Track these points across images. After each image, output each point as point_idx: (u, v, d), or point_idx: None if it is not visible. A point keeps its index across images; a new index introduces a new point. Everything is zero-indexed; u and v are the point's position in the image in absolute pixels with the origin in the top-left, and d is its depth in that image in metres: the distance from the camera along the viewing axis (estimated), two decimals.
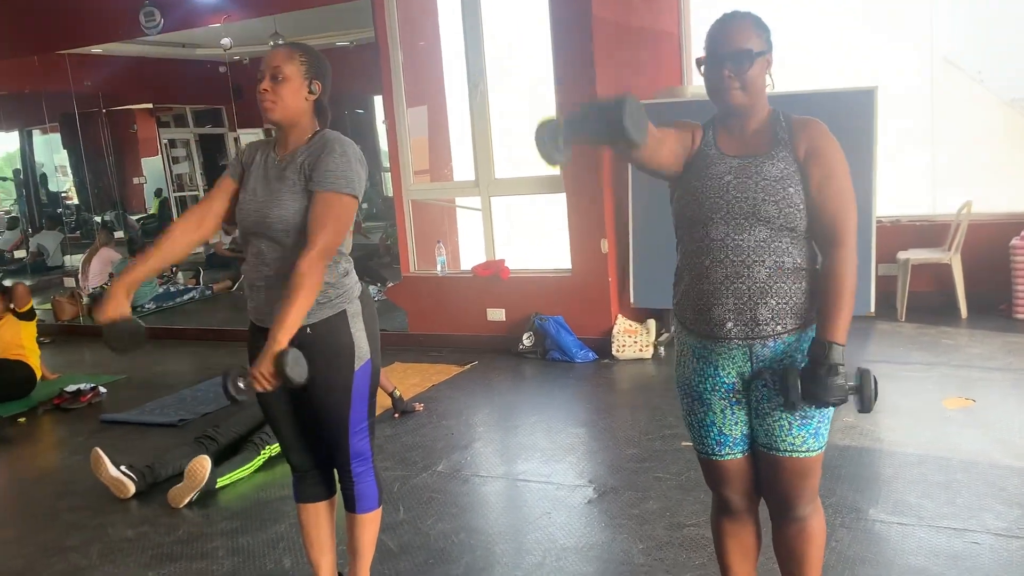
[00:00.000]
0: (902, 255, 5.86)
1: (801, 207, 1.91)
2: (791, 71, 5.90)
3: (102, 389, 5.52)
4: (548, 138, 1.75)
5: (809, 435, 1.97)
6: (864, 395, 1.87)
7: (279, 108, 2.26)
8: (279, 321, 2.13)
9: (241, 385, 2.11)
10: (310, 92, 2.30)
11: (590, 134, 1.76)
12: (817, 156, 1.93)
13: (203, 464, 3.68)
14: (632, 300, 5.63)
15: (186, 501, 3.66)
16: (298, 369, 2.09)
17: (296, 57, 2.28)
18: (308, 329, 2.28)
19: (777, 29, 1.99)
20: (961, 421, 3.96)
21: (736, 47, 1.90)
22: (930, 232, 6.10)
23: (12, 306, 5.64)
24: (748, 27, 1.93)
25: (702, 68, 1.96)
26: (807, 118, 1.99)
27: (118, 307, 2.26)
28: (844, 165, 1.95)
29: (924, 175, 6.54)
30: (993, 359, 4.85)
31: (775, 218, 1.90)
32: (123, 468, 3.81)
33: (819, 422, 1.97)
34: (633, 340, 5.47)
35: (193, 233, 2.36)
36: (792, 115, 2.00)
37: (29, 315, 5.71)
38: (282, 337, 2.11)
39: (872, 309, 5.11)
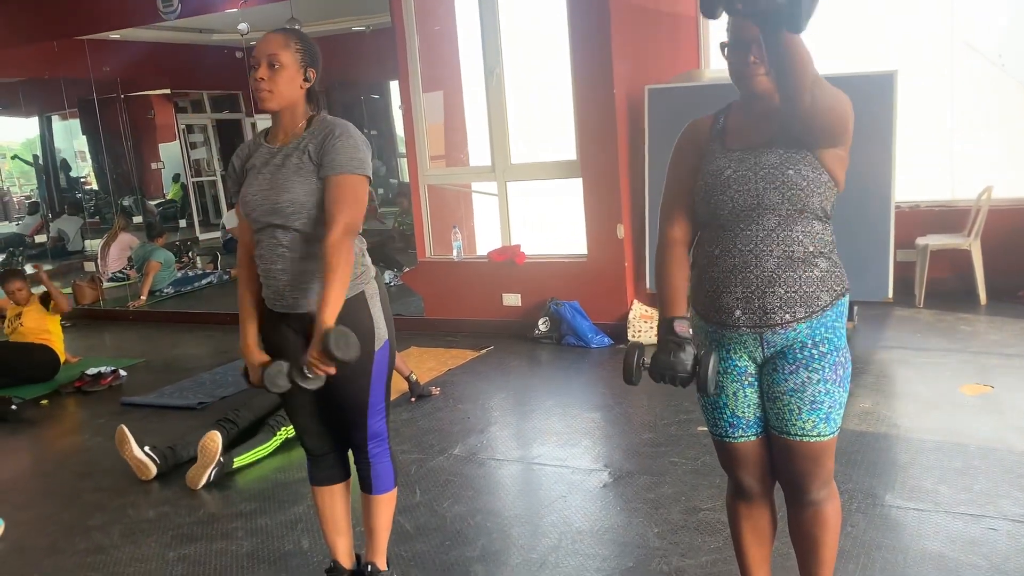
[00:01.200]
0: (921, 241, 5.82)
1: (803, 186, 1.90)
2: (812, 55, 5.87)
3: (122, 372, 5.58)
4: (634, 365, 1.96)
5: (820, 420, 1.97)
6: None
7: (276, 96, 2.26)
8: (323, 303, 2.16)
9: (308, 374, 2.16)
10: (305, 80, 2.30)
11: (671, 382, 1.98)
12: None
13: (214, 439, 3.73)
14: (648, 285, 5.63)
15: (203, 481, 3.70)
16: (350, 347, 2.13)
17: (292, 44, 2.27)
18: None
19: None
20: (978, 407, 3.95)
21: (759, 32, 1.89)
22: (949, 217, 6.05)
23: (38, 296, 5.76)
24: None
25: (725, 52, 1.95)
26: None
27: (262, 358, 2.37)
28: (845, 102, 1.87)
29: (943, 160, 6.49)
30: (1011, 346, 4.82)
31: (780, 204, 1.90)
32: (146, 449, 3.86)
33: (830, 407, 1.97)
34: (649, 326, 5.47)
35: (254, 267, 2.41)
36: None
37: (48, 302, 5.79)
38: (328, 318, 2.14)
39: (890, 294, 5.09)
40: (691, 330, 1.98)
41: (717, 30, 1.85)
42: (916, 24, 6.38)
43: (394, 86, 7.09)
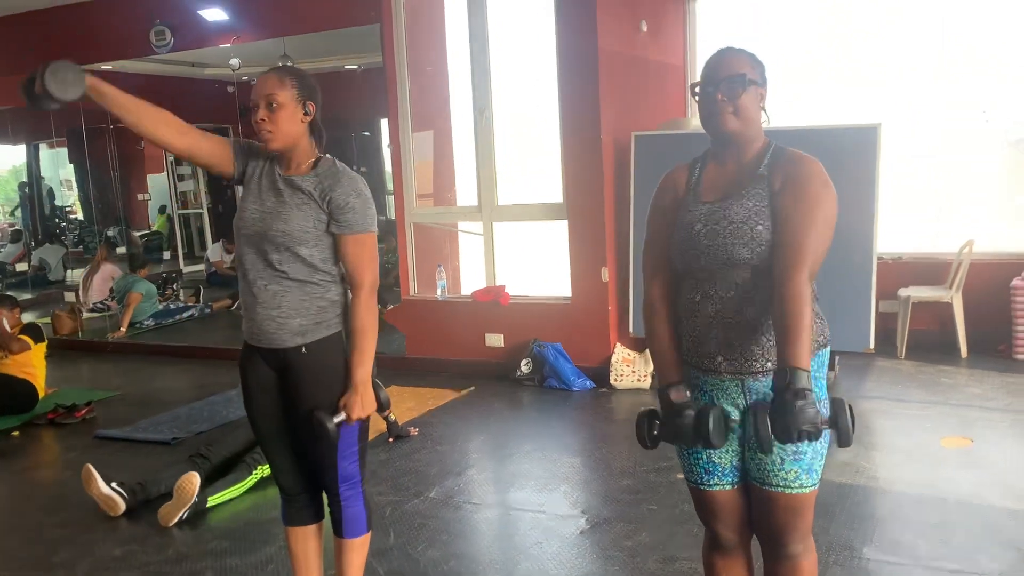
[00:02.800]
0: (903, 292, 5.86)
1: (772, 241, 1.89)
2: (796, 106, 5.95)
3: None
4: (646, 431, 1.97)
5: (802, 471, 1.95)
6: (841, 426, 1.75)
7: (279, 136, 2.26)
8: (357, 362, 2.29)
9: (335, 423, 2.27)
10: (305, 114, 2.30)
11: (682, 444, 2.02)
12: (792, 185, 1.90)
13: (192, 481, 3.66)
14: (631, 329, 5.62)
15: (176, 519, 3.63)
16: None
17: (287, 82, 2.27)
18: (304, 349, 2.28)
19: (783, 64, 2.01)
20: (958, 461, 3.94)
21: (730, 72, 1.92)
22: (931, 270, 6.09)
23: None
24: (743, 58, 1.96)
25: (695, 95, 1.97)
26: (798, 153, 1.96)
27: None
28: (825, 199, 1.88)
29: (926, 213, 6.55)
30: (992, 399, 4.83)
31: (748, 260, 1.90)
32: (114, 485, 3.78)
33: (812, 458, 1.95)
34: (631, 370, 5.46)
35: (173, 129, 2.29)
36: (786, 149, 1.99)
37: (38, 336, 5.70)
38: (366, 376, 2.30)
39: (871, 345, 5.10)
40: (687, 393, 1.96)
41: None
42: (901, 78, 6.48)
43: (384, 124, 7.13)
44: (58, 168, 10.57)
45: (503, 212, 5.99)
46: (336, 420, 2.26)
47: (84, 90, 2.11)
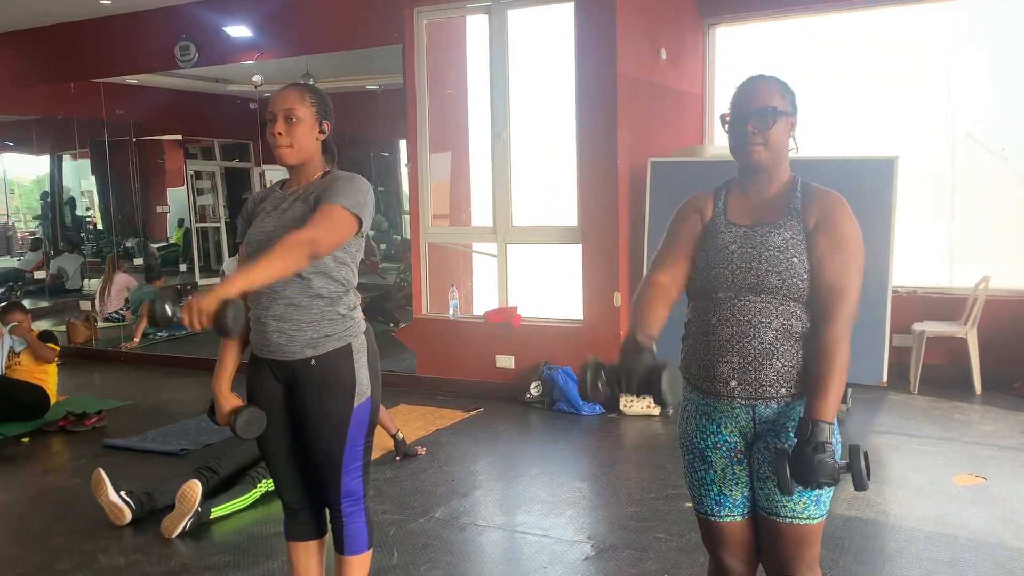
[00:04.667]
0: (917, 326, 5.81)
1: (805, 277, 1.90)
2: (813, 138, 5.95)
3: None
4: (590, 378, 1.84)
5: (810, 502, 1.93)
6: (855, 472, 1.80)
7: (295, 151, 2.28)
8: (244, 271, 2.07)
9: (168, 310, 2.02)
10: (321, 132, 2.32)
11: (627, 387, 1.84)
12: (827, 226, 1.93)
13: (194, 488, 3.66)
14: None
15: (179, 530, 3.63)
16: (237, 324, 2.02)
17: (307, 98, 2.30)
18: (313, 361, 2.29)
19: (800, 96, 2.02)
20: (970, 499, 3.88)
21: (761, 104, 1.92)
22: (946, 305, 6.05)
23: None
24: (774, 88, 1.96)
25: (726, 125, 1.98)
26: (826, 190, 1.99)
27: (231, 401, 2.40)
28: (856, 241, 1.93)
29: (942, 247, 6.52)
30: (1006, 437, 4.77)
31: (778, 289, 1.90)
32: (122, 494, 3.79)
33: (820, 491, 1.93)
34: (641, 396, 5.42)
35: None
36: (812, 184, 2.00)
37: (52, 342, 5.75)
38: (228, 287, 2.00)
39: (884, 379, 5.06)
40: (654, 345, 1.89)
41: (721, 107, 1.89)
42: (918, 113, 6.48)
43: (403, 144, 7.19)
44: (80, 179, 10.69)
45: (517, 234, 6.01)
46: (171, 309, 2.02)
47: (261, 432, 2.35)
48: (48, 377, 5.69)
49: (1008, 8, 6.13)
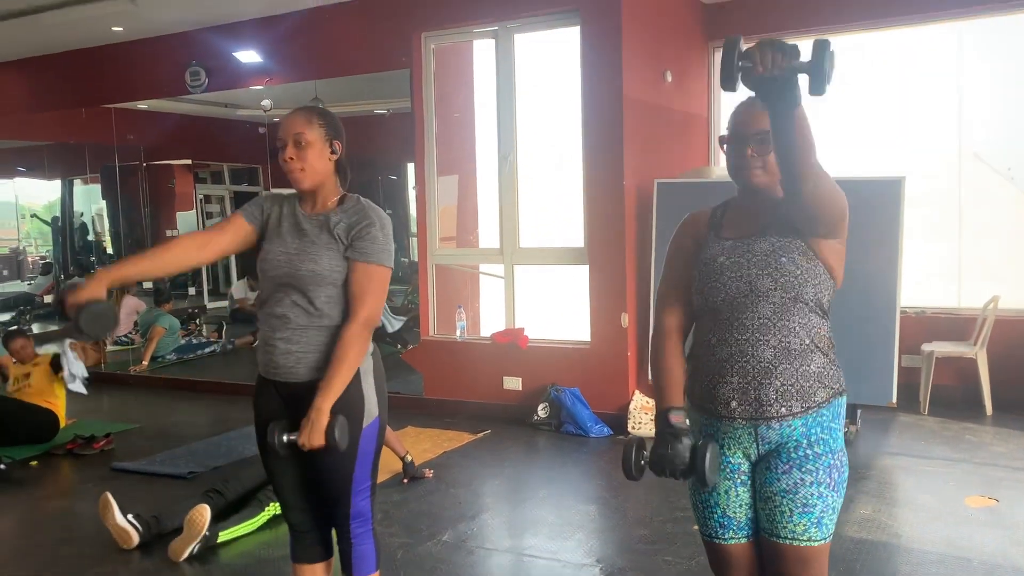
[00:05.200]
0: (926, 347, 5.78)
1: (796, 274, 1.91)
2: (820, 158, 5.96)
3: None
4: (633, 461, 1.95)
5: (811, 524, 1.92)
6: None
7: (308, 175, 2.29)
8: (324, 389, 2.21)
9: (285, 440, 2.23)
10: (332, 152, 2.33)
11: (671, 475, 1.92)
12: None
13: (202, 514, 3.65)
14: (650, 377, 5.58)
15: (186, 553, 3.62)
16: (344, 436, 2.21)
17: (315, 120, 2.31)
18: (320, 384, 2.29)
19: (807, 117, 2.02)
20: (983, 521, 3.85)
21: (760, 128, 1.93)
22: (955, 325, 6.02)
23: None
24: None
25: (724, 146, 1.99)
26: None
27: (92, 293, 2.11)
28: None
29: (950, 267, 6.50)
30: (1018, 459, 4.73)
31: (773, 291, 1.91)
32: (130, 517, 3.78)
33: (822, 512, 1.92)
34: (650, 417, 5.41)
35: (193, 253, 2.36)
36: None
37: (60, 367, 5.76)
38: (326, 405, 2.20)
39: (894, 400, 5.03)
40: (687, 420, 1.95)
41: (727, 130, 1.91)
42: (925, 133, 6.49)
43: (411, 168, 7.23)
44: (91, 203, 10.77)
45: (524, 255, 6.02)
46: (287, 438, 2.24)
47: (111, 330, 2.21)
48: (57, 400, 5.71)
49: (1015, 28, 6.15)
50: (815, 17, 6.31)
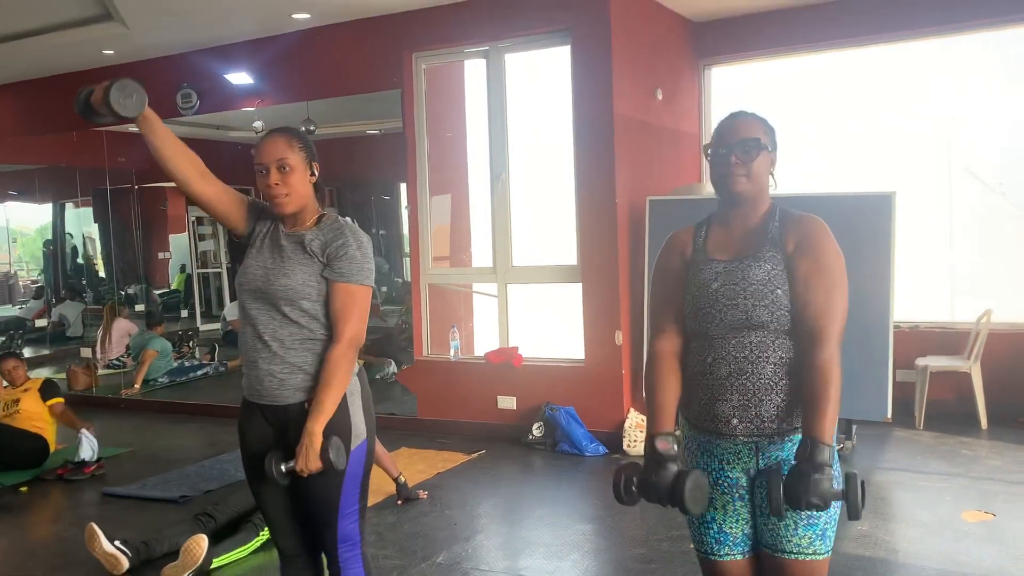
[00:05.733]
0: (920, 362, 5.78)
1: (790, 308, 1.91)
2: (811, 174, 5.99)
3: (83, 456, 5.47)
4: (623, 487, 1.95)
5: (816, 536, 1.90)
6: (850, 500, 1.77)
7: (293, 199, 2.28)
8: (315, 412, 2.21)
9: (284, 469, 2.23)
10: (312, 175, 2.33)
11: (656, 501, 1.93)
12: (806, 249, 1.93)
13: (200, 544, 3.61)
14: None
15: None
16: (340, 456, 2.21)
17: (295, 144, 2.30)
18: (307, 404, 2.27)
19: (798, 132, 2.05)
20: (980, 535, 3.83)
21: (745, 136, 1.95)
22: (949, 339, 6.03)
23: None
24: (756, 123, 1.99)
25: (708, 155, 2.00)
26: (804, 214, 2.00)
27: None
28: (837, 261, 1.93)
29: (943, 282, 6.51)
30: (1014, 472, 4.72)
31: (768, 323, 1.90)
32: (117, 543, 3.74)
33: (826, 523, 1.91)
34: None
35: (192, 172, 2.26)
36: (791, 212, 2.01)
37: (53, 392, 5.71)
38: (318, 428, 2.20)
39: (889, 415, 5.02)
40: (675, 446, 1.94)
41: None
42: (915, 149, 6.52)
43: (404, 187, 7.24)
44: (82, 226, 10.75)
45: (518, 274, 6.01)
46: (285, 467, 2.23)
47: (143, 111, 2.15)
48: (47, 425, 5.65)
49: (1006, 43, 6.20)
50: (804, 35, 6.36)
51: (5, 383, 5.78)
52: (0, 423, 5.58)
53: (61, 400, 5.72)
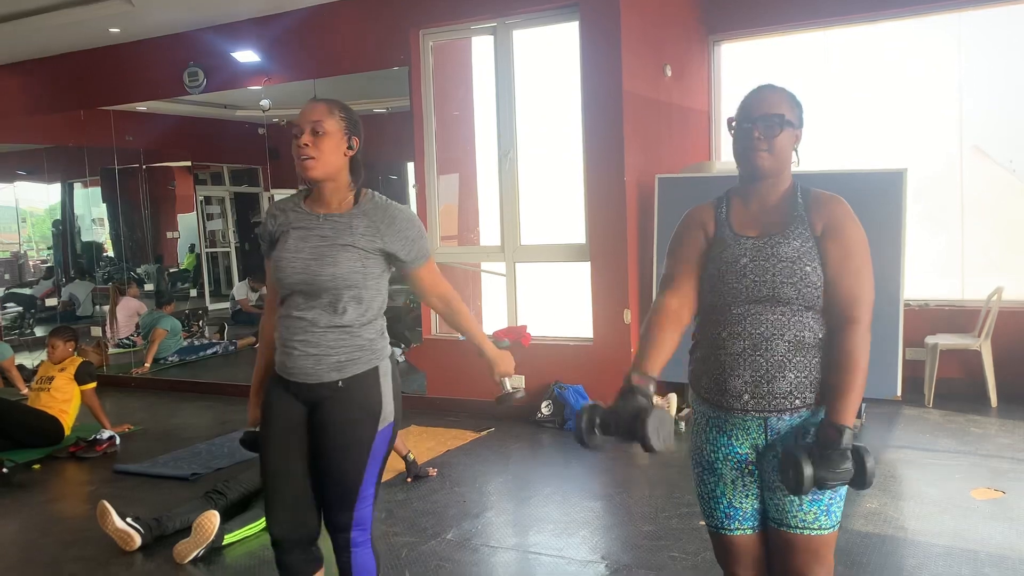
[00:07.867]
0: (930, 339, 5.76)
1: (819, 285, 1.90)
2: (822, 151, 5.95)
3: (117, 440, 5.52)
4: (585, 424, 1.86)
5: (821, 511, 1.91)
6: (856, 472, 1.82)
7: (320, 164, 2.21)
8: (479, 336, 2.60)
9: (515, 389, 2.45)
10: (349, 148, 2.27)
11: (617, 437, 1.85)
12: (836, 233, 1.92)
13: (211, 520, 3.64)
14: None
15: (191, 556, 3.60)
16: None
17: (336, 112, 2.25)
18: (340, 383, 2.25)
19: (809, 109, 2.02)
20: (989, 513, 3.83)
21: (767, 111, 1.92)
22: (959, 317, 6.00)
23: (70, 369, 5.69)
24: (783, 98, 1.96)
25: (732, 129, 1.97)
26: (827, 194, 1.99)
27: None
28: (864, 244, 1.94)
29: (953, 259, 6.48)
30: (1023, 451, 4.71)
31: (793, 299, 1.89)
32: (129, 520, 3.77)
33: (831, 499, 1.91)
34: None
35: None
36: (812, 190, 2.00)
37: (88, 378, 5.70)
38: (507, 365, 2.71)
39: (899, 393, 5.01)
40: (651, 387, 1.89)
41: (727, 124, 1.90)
42: (926, 126, 6.46)
43: (411, 166, 7.22)
44: (91, 206, 10.76)
45: (526, 253, 6.00)
46: (514, 388, 2.37)
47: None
48: (69, 411, 5.63)
49: (1015, 20, 6.12)
50: (814, 11, 6.29)
51: (45, 359, 5.78)
52: (16, 402, 5.62)
53: (93, 386, 5.73)
